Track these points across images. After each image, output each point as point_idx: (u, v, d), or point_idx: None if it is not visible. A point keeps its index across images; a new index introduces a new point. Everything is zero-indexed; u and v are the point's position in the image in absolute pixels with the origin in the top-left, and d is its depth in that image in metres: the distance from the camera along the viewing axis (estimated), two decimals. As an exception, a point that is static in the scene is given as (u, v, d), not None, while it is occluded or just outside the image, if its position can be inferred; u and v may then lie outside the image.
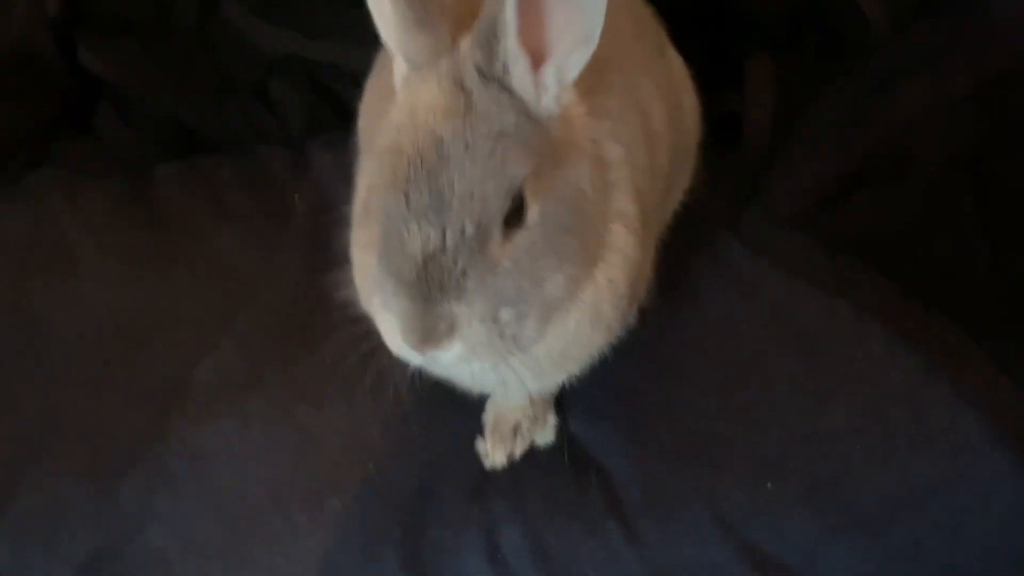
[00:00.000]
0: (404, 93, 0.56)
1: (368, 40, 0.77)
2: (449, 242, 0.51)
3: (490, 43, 0.53)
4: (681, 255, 0.80)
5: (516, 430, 0.75)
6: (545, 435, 0.75)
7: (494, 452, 0.74)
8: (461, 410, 0.75)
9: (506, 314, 0.54)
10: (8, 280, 0.87)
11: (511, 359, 0.58)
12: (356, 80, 0.91)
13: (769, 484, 0.65)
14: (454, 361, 0.54)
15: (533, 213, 0.54)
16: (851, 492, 0.64)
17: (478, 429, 0.75)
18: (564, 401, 0.77)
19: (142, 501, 0.71)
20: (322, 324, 0.75)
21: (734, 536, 0.64)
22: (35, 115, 1.00)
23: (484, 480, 0.71)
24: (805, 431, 0.67)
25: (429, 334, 0.52)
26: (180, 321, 0.82)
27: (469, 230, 0.52)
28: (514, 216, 0.53)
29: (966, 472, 0.63)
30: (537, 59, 0.54)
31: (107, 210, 0.93)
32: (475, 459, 0.74)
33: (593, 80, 0.61)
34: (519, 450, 0.74)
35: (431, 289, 0.52)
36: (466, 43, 0.55)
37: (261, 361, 0.77)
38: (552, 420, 0.75)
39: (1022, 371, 0.65)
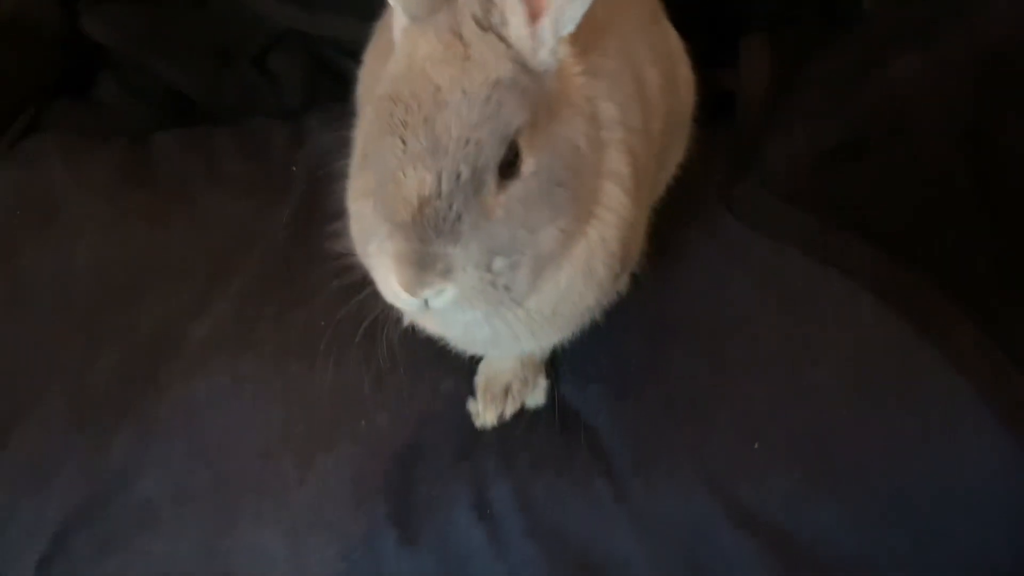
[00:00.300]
0: (403, 44, 0.58)
1: (367, 14, 0.82)
2: (444, 186, 0.52)
3: None
4: (674, 224, 0.81)
5: (507, 391, 0.76)
6: (535, 397, 0.76)
7: (485, 412, 0.75)
8: (453, 371, 0.76)
9: (499, 263, 0.55)
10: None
11: (504, 311, 0.59)
12: (354, 54, 0.93)
13: (756, 444, 0.66)
14: (447, 306, 0.55)
15: (528, 165, 0.55)
16: (836, 448, 0.65)
17: (470, 391, 0.76)
18: (555, 364, 0.78)
19: (133, 452, 0.73)
20: (315, 282, 0.76)
21: (720, 493, 0.65)
22: (35, 80, 1.01)
23: (474, 439, 0.73)
24: (791, 390, 0.68)
25: (424, 275, 0.52)
26: (173, 277, 0.84)
27: (464, 174, 0.52)
28: (509, 167, 0.55)
29: (950, 431, 0.64)
30: (534, 12, 0.55)
31: (103, 172, 0.95)
32: (466, 418, 0.75)
33: (590, 40, 0.62)
34: (509, 411, 0.75)
35: (426, 230, 0.52)
36: None
37: (254, 318, 0.78)
38: (543, 383, 0.76)
39: (1008, 335, 0.66)
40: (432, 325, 0.67)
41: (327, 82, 1.09)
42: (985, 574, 0.61)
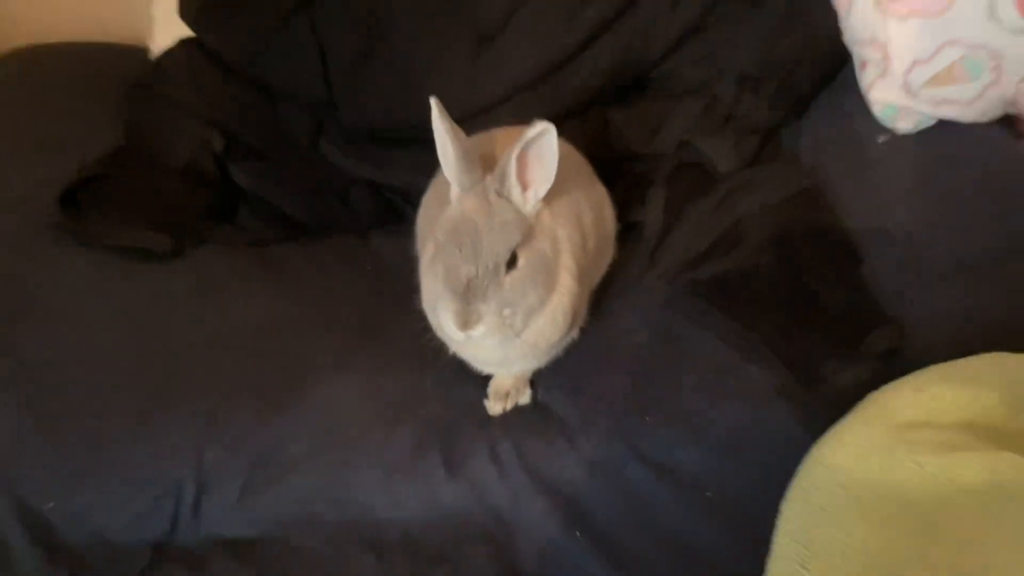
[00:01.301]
0: (456, 202, 0.96)
1: (419, 172, 1.22)
2: (480, 273, 0.90)
3: (502, 179, 0.92)
4: (605, 298, 1.19)
5: (508, 395, 1.12)
6: (524, 398, 1.12)
7: (494, 406, 1.11)
8: (476, 382, 1.13)
9: (507, 312, 0.92)
10: (186, 305, 1.22)
11: (508, 341, 0.97)
12: (405, 195, 1.38)
13: (648, 417, 1.06)
14: (479, 337, 0.93)
15: (521, 262, 0.92)
16: (696, 421, 1.04)
17: (485, 395, 1.13)
18: (535, 380, 1.14)
19: (290, 426, 1.08)
20: (392, 329, 1.19)
21: (628, 444, 1.03)
22: (202, 208, 1.35)
23: (488, 420, 1.10)
24: (670, 389, 1.07)
25: (468, 319, 0.91)
26: (303, 326, 1.20)
27: (490, 267, 0.90)
28: (511, 263, 0.92)
29: (756, 414, 1.03)
30: (524, 186, 0.94)
31: (248, 266, 1.29)
32: (483, 409, 1.11)
33: (552, 198, 0.98)
34: (509, 406, 1.11)
35: (469, 297, 0.90)
36: (489, 178, 0.94)
37: (356, 350, 1.17)
38: (528, 390, 1.13)
39: (793, 355, 1.06)
40: (466, 352, 1.06)
41: (386, 212, 1.43)
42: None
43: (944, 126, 1.34)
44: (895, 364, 0.99)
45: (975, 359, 0.91)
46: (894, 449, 0.75)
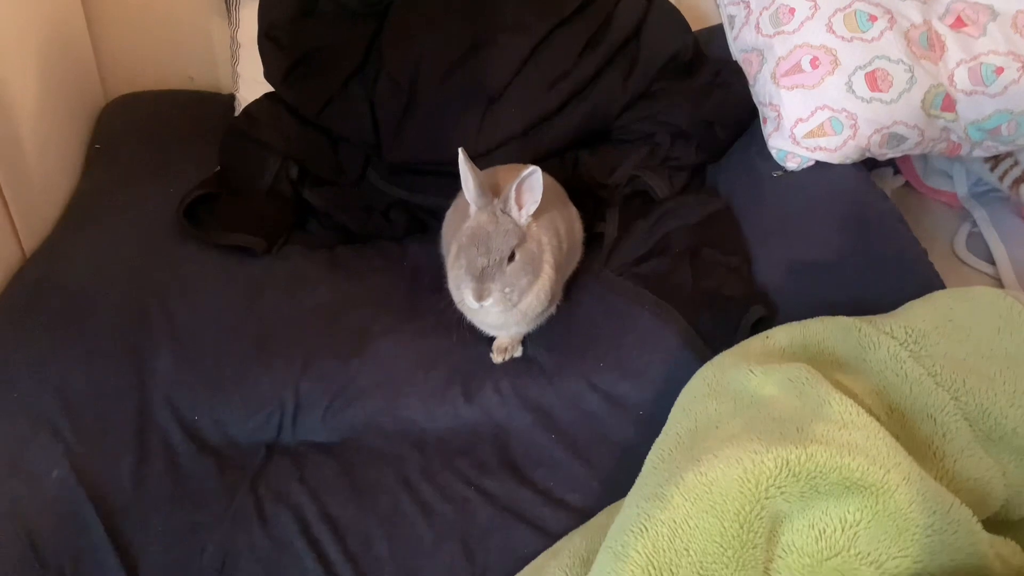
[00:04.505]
0: (473, 217, 1.31)
1: (442, 195, 1.66)
2: (490, 263, 1.27)
3: (505, 201, 1.28)
4: (574, 287, 1.57)
5: (507, 349, 1.46)
6: (518, 352, 1.47)
7: (497, 357, 1.46)
8: (484, 342, 1.48)
9: (508, 290, 1.28)
10: (282, 289, 1.59)
11: (508, 310, 1.37)
12: (431, 212, 1.85)
13: (601, 364, 1.58)
14: (490, 307, 1.32)
15: (518, 257, 1.29)
16: (633, 366, 1.40)
17: (491, 349, 1.47)
18: (526, 340, 1.49)
19: (357, 370, 1.43)
20: (426, 305, 1.61)
21: (588, 383, 1.39)
22: (282, 221, 1.73)
23: (493, 367, 1.46)
24: (615, 346, 1.50)
25: (482, 294, 1.28)
26: (359, 304, 1.57)
27: (496, 260, 1.27)
28: (511, 258, 1.28)
29: (672, 361, 1.40)
30: (520, 206, 1.29)
31: (318, 262, 1.67)
32: (490, 360, 1.47)
33: (538, 214, 1.33)
34: (508, 357, 1.46)
35: (483, 278, 1.27)
36: (496, 200, 1.29)
37: (400, 321, 1.55)
38: (520, 347, 1.48)
39: (697, 323, 1.45)
40: (478, 319, 1.42)
41: (417, 225, 1.79)
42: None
43: (819, 165, 1.84)
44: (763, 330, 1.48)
45: (807, 321, 1.40)
46: (739, 365, 1.24)
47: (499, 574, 1.23)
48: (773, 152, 1.79)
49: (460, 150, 1.41)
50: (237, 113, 1.98)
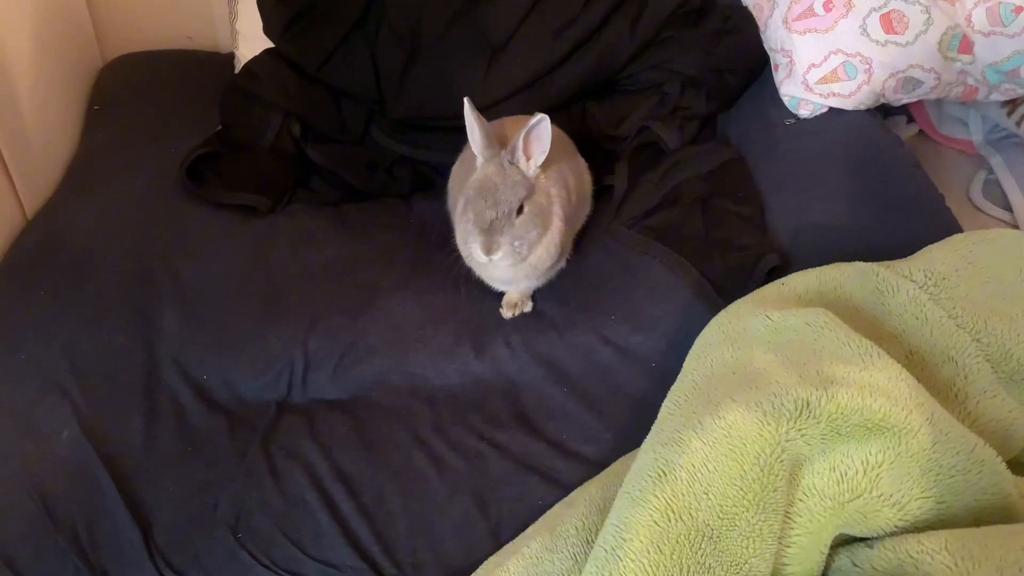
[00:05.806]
0: (480, 168, 1.33)
1: (447, 151, 1.66)
2: (499, 215, 1.28)
3: (513, 152, 1.29)
4: (584, 239, 1.59)
5: (517, 305, 1.47)
6: (528, 307, 1.48)
7: (507, 312, 1.47)
8: (493, 297, 1.49)
9: (517, 243, 1.30)
10: (288, 248, 1.60)
11: (517, 264, 1.38)
12: (435, 168, 1.84)
13: (612, 317, 1.58)
14: (499, 261, 1.32)
15: (526, 209, 1.30)
16: (643, 318, 1.41)
17: (500, 305, 1.48)
18: (536, 295, 1.50)
19: (366, 326, 1.45)
20: (435, 260, 1.59)
21: (599, 336, 1.39)
22: (285, 179, 1.72)
23: (503, 321, 1.47)
24: (626, 298, 1.52)
25: (490, 247, 1.30)
26: (366, 261, 1.57)
27: (504, 211, 1.28)
28: (520, 210, 1.29)
29: (683, 313, 1.40)
30: (528, 156, 1.31)
31: (325, 219, 1.69)
32: (499, 315, 1.47)
33: (546, 166, 1.35)
34: (518, 312, 1.47)
35: (491, 231, 1.29)
36: (504, 152, 1.30)
37: (408, 277, 1.56)
38: (531, 302, 1.49)
39: (709, 273, 1.47)
40: (486, 274, 1.44)
41: (421, 181, 1.80)
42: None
43: (833, 111, 1.81)
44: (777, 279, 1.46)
45: (823, 267, 1.38)
46: (755, 312, 1.22)
47: (513, 525, 1.22)
48: (785, 99, 1.77)
49: (466, 99, 1.38)
50: (237, 71, 1.91)
